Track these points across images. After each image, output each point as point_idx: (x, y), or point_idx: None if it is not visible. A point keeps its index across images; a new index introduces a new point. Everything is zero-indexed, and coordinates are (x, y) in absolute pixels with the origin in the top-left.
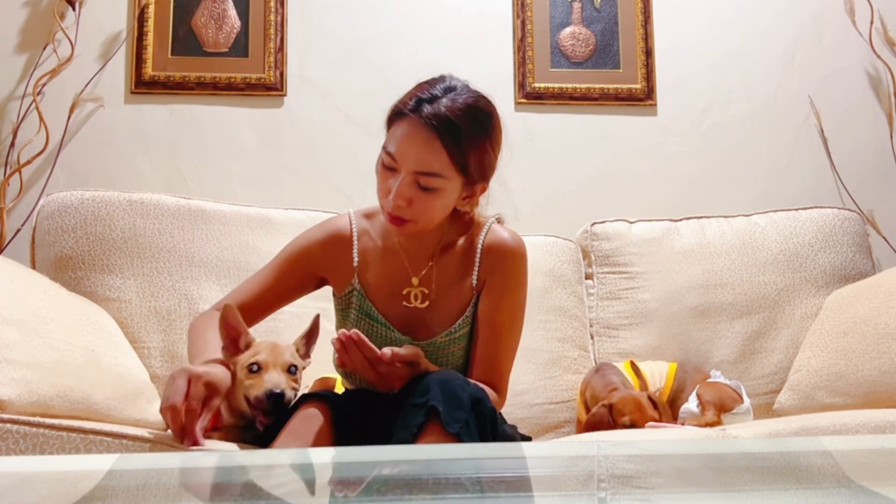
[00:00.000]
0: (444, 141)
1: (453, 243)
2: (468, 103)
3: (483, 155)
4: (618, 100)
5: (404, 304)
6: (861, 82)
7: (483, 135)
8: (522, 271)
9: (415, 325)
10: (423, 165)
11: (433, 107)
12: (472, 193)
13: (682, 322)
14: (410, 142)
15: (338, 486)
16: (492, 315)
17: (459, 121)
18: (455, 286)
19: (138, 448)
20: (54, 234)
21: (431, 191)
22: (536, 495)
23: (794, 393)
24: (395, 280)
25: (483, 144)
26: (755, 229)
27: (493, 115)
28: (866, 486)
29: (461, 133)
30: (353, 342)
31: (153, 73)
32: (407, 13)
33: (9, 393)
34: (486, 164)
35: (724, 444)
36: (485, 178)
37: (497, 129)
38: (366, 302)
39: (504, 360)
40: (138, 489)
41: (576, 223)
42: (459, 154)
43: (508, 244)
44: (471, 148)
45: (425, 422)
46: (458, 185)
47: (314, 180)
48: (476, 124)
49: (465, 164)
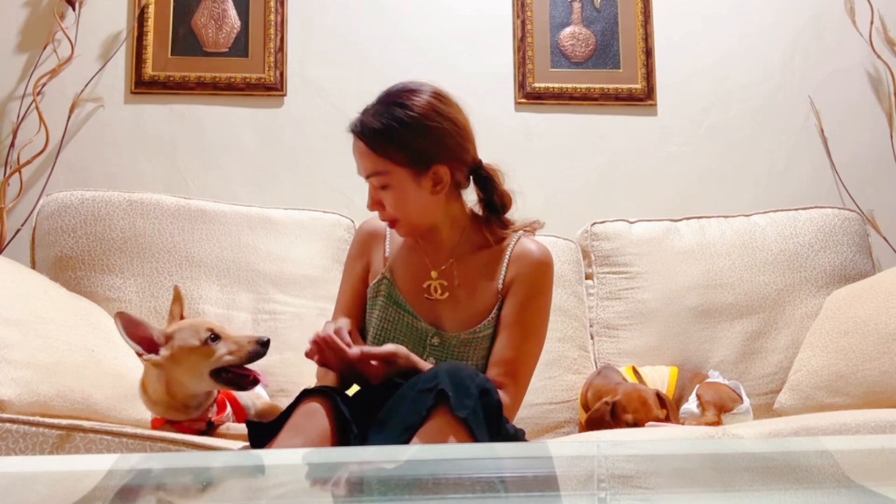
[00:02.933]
0: (366, 142)
1: (483, 245)
2: (383, 102)
3: (408, 142)
4: (618, 100)
5: (426, 297)
6: (861, 82)
7: (402, 127)
8: (547, 281)
9: (439, 317)
10: (366, 169)
11: (359, 119)
12: (437, 179)
13: (682, 322)
14: (355, 155)
15: (337, 486)
16: (512, 320)
17: (372, 121)
18: (480, 286)
19: (138, 448)
20: (54, 234)
21: (387, 187)
22: (537, 495)
23: (794, 393)
24: (418, 274)
25: (404, 136)
26: (755, 229)
27: (414, 108)
28: (866, 486)
29: (375, 132)
30: (326, 343)
31: (153, 73)
32: (407, 13)
33: (9, 393)
34: (419, 151)
35: (724, 444)
36: (431, 161)
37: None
38: (394, 290)
39: (520, 365)
40: (138, 489)
41: (576, 223)
42: (382, 149)
43: (535, 253)
44: (389, 142)
45: (434, 405)
46: (406, 175)
47: (314, 180)
48: (390, 121)
49: (392, 157)
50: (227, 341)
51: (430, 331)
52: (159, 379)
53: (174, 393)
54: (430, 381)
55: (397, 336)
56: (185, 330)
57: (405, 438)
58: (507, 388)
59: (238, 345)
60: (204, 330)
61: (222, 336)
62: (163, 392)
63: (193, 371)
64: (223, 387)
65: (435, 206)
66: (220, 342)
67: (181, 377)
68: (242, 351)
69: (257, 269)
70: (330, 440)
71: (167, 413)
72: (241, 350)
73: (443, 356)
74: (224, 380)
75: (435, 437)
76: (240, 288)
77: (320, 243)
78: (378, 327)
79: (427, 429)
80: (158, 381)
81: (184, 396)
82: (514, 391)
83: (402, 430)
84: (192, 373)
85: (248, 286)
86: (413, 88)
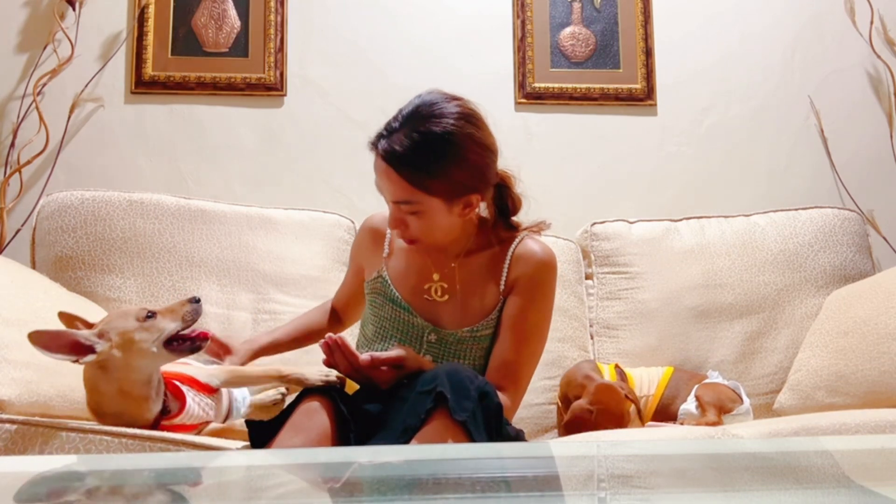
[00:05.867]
0: (400, 174)
1: (486, 245)
2: (423, 133)
3: (448, 177)
4: (618, 100)
5: (426, 297)
6: (861, 82)
7: (441, 161)
8: (549, 282)
9: (437, 315)
10: (395, 196)
11: (388, 141)
12: (468, 204)
13: (682, 322)
14: (379, 176)
15: (337, 485)
16: (514, 320)
17: (412, 154)
18: (481, 286)
19: (137, 448)
20: (54, 234)
21: (416, 213)
22: (537, 495)
23: (794, 393)
24: (419, 276)
25: (444, 169)
26: (755, 229)
27: (451, 138)
28: (866, 486)
29: (414, 166)
30: (338, 346)
31: (153, 73)
32: (407, 13)
33: (9, 393)
34: (456, 183)
35: (724, 444)
36: (467, 192)
37: (463, 148)
38: (390, 288)
39: (521, 367)
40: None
41: (576, 223)
42: (420, 182)
43: (538, 255)
44: (428, 176)
45: (433, 408)
46: (439, 204)
47: (314, 180)
48: (427, 153)
49: (429, 189)
50: (162, 312)
51: (426, 327)
52: (108, 380)
53: (129, 388)
54: (429, 383)
55: (394, 333)
56: (114, 320)
57: (404, 440)
58: (506, 390)
59: (173, 311)
60: (138, 311)
61: (156, 311)
62: (115, 393)
63: (144, 352)
64: (179, 355)
65: (458, 225)
66: (158, 316)
67: (134, 361)
68: (181, 313)
69: (257, 269)
70: (330, 439)
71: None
72: (178, 313)
73: (439, 353)
74: (178, 349)
75: (433, 440)
76: (240, 288)
77: (320, 243)
78: (376, 325)
79: (426, 431)
80: (107, 383)
81: (140, 386)
82: (514, 393)
83: (401, 432)
84: (143, 353)
85: (248, 286)
86: (444, 111)
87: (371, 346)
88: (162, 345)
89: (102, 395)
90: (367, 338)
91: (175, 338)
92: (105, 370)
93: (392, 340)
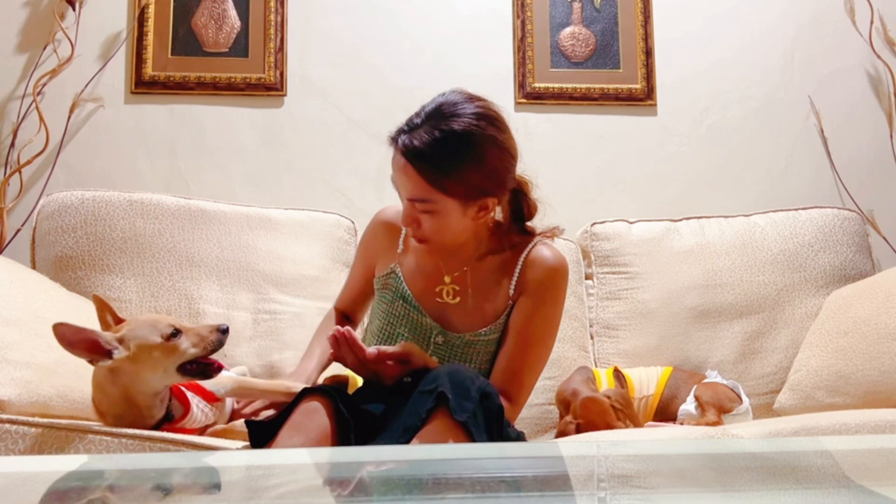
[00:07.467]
0: (419, 171)
1: (498, 249)
2: (444, 131)
3: (466, 178)
4: (618, 100)
5: (437, 299)
6: (861, 82)
7: (460, 161)
8: (558, 289)
9: (446, 317)
10: (411, 193)
11: (409, 137)
12: (484, 207)
13: (682, 322)
14: (397, 172)
15: (338, 486)
16: (521, 325)
17: (431, 152)
18: (492, 290)
19: (137, 448)
20: (54, 234)
21: (430, 213)
22: (537, 495)
23: (794, 393)
24: (431, 276)
25: (462, 169)
26: (755, 229)
27: (471, 138)
28: (866, 486)
29: (433, 163)
30: (345, 339)
31: (153, 73)
32: (407, 13)
33: (9, 393)
34: (474, 184)
35: (724, 444)
36: (483, 195)
37: (482, 149)
38: (402, 285)
39: (525, 371)
40: (138, 489)
41: (576, 223)
42: (437, 182)
43: (549, 261)
44: (446, 176)
45: (434, 408)
46: (454, 205)
47: (314, 180)
48: (447, 151)
49: (446, 189)
50: (189, 334)
51: (434, 328)
52: (115, 384)
53: (133, 396)
54: (430, 383)
55: (402, 330)
56: (140, 328)
57: (405, 440)
58: (509, 394)
59: (200, 336)
60: (165, 326)
61: (182, 330)
62: (119, 398)
63: (157, 368)
64: (189, 379)
65: (471, 228)
66: (182, 336)
67: (145, 375)
68: (206, 342)
69: (257, 269)
70: (330, 439)
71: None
72: (204, 341)
73: (446, 356)
74: (189, 372)
75: (434, 440)
76: (240, 288)
77: (320, 243)
78: (384, 321)
79: (426, 431)
80: (114, 387)
81: (145, 397)
82: (517, 397)
83: (401, 431)
84: (155, 370)
85: (248, 286)
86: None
87: (377, 342)
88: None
89: (107, 396)
90: (374, 333)
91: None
92: (115, 374)
93: (399, 337)
